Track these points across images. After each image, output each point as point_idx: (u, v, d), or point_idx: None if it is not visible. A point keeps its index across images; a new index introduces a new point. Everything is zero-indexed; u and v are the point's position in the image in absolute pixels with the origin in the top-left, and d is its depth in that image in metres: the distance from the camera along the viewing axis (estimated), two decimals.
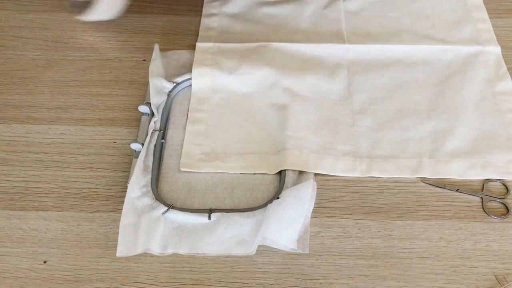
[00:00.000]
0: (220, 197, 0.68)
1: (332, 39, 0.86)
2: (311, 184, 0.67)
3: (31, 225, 0.66)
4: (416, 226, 0.65)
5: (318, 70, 0.81)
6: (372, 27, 0.88)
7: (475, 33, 0.86)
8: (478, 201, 0.68)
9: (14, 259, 0.63)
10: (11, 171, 0.71)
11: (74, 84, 0.81)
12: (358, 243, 0.64)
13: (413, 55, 0.83)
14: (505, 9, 0.91)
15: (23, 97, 0.80)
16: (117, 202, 0.67)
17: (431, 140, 0.73)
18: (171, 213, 0.65)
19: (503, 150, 0.72)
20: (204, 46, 0.85)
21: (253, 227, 0.64)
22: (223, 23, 0.89)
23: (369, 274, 0.62)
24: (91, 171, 0.71)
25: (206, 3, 0.93)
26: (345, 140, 0.73)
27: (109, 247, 0.64)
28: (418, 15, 0.89)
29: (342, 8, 0.91)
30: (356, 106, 0.77)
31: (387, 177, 0.70)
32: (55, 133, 0.75)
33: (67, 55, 0.85)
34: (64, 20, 0.91)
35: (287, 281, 0.61)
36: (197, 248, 0.63)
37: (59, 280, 0.62)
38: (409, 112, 0.76)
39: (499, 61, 0.82)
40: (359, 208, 0.67)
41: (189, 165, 0.71)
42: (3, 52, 0.86)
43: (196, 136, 0.74)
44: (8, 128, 0.76)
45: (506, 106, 0.77)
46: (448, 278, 0.61)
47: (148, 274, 0.62)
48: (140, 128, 0.74)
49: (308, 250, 0.63)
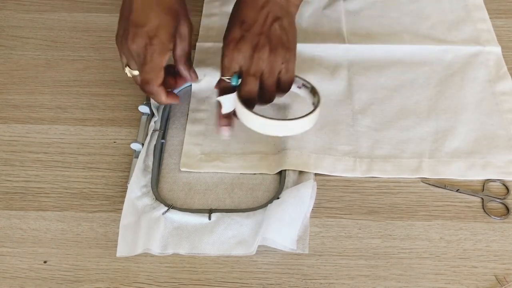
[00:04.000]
0: (220, 197, 0.68)
1: (332, 39, 0.86)
2: (311, 184, 0.67)
3: (31, 225, 0.66)
4: (416, 226, 0.65)
5: (318, 70, 0.81)
6: (372, 27, 0.88)
7: (476, 33, 0.86)
8: (479, 201, 0.68)
9: (14, 259, 0.63)
10: (11, 171, 0.71)
11: (74, 84, 0.81)
12: (358, 243, 0.64)
13: (413, 55, 0.83)
14: (505, 9, 0.91)
15: (23, 97, 0.80)
16: (117, 202, 0.67)
17: (432, 140, 0.73)
18: (171, 213, 0.65)
19: (503, 150, 0.72)
20: (204, 46, 0.85)
21: (253, 227, 0.64)
22: (223, 23, 0.88)
23: (369, 274, 0.62)
24: (91, 171, 0.71)
25: (206, 3, 0.93)
26: (345, 140, 0.73)
27: (109, 247, 0.64)
28: (418, 15, 0.89)
29: (342, 8, 0.91)
30: (356, 106, 0.77)
31: (387, 177, 0.70)
32: (55, 133, 0.75)
33: (67, 55, 0.85)
34: (64, 20, 0.91)
35: (287, 281, 0.61)
36: (197, 248, 0.63)
37: (59, 280, 0.61)
38: (409, 112, 0.76)
39: (499, 61, 0.82)
40: (359, 208, 0.67)
41: (189, 165, 0.71)
42: (3, 52, 0.86)
43: (196, 136, 0.74)
44: (8, 128, 0.76)
45: (506, 106, 0.77)
46: (448, 278, 0.61)
47: (148, 274, 0.62)
48: (140, 128, 0.74)
49: (307, 250, 0.63)
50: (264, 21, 0.66)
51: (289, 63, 0.67)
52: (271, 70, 0.66)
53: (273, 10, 0.67)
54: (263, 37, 0.66)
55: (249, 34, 0.66)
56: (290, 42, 0.68)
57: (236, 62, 0.66)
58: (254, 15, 0.66)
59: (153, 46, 0.65)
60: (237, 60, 0.66)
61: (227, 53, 0.66)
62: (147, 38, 0.65)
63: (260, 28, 0.66)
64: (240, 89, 0.66)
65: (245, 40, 0.65)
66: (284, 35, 0.67)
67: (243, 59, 0.66)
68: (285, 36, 0.67)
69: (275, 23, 0.67)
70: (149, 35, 0.65)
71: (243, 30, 0.66)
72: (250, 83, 0.66)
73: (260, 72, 0.66)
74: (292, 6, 0.69)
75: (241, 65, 0.66)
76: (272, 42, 0.66)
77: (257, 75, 0.66)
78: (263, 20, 0.66)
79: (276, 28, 0.67)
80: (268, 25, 0.66)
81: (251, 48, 0.65)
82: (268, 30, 0.66)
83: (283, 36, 0.67)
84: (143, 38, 0.65)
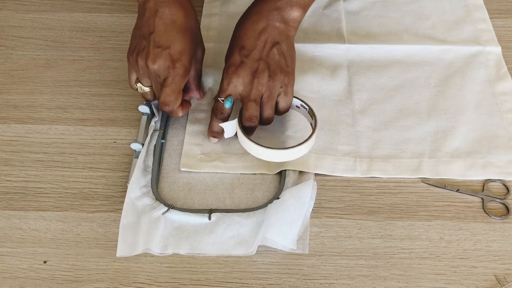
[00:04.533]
0: (220, 197, 0.68)
1: (332, 39, 0.86)
2: (311, 184, 0.67)
3: (31, 225, 0.66)
4: (416, 227, 0.65)
5: (318, 70, 0.81)
6: (372, 27, 0.88)
7: (476, 33, 0.86)
8: (479, 201, 0.68)
9: (14, 259, 0.63)
10: (11, 171, 0.71)
11: (74, 84, 0.81)
12: (358, 243, 0.64)
13: (413, 55, 0.83)
14: (505, 9, 0.91)
15: (23, 97, 0.80)
16: (117, 202, 0.67)
17: (432, 140, 0.73)
18: (171, 213, 0.65)
19: (503, 150, 0.72)
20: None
21: (253, 227, 0.64)
22: (223, 23, 0.89)
23: (369, 274, 0.62)
24: (91, 171, 0.71)
25: (206, 3, 0.93)
26: (345, 140, 0.73)
27: (109, 247, 0.64)
28: (419, 15, 0.89)
29: (342, 8, 0.91)
30: (356, 106, 0.77)
31: (387, 177, 0.70)
32: (55, 133, 0.75)
33: (67, 55, 0.85)
34: (64, 20, 0.91)
35: (287, 281, 0.61)
36: (197, 248, 0.63)
37: (59, 280, 0.61)
38: (409, 112, 0.76)
39: (500, 61, 0.82)
40: (359, 208, 0.67)
41: (189, 165, 0.71)
42: (3, 52, 0.86)
43: (196, 136, 0.74)
44: (8, 128, 0.76)
45: (507, 106, 0.77)
46: (449, 278, 0.61)
47: (148, 274, 0.62)
48: (140, 128, 0.74)
49: (307, 250, 0.63)
50: (263, 47, 0.69)
51: (288, 87, 0.70)
52: (270, 95, 0.69)
53: (271, 35, 0.70)
54: (262, 62, 0.69)
55: (248, 60, 0.68)
56: (289, 66, 0.70)
57: (235, 86, 0.68)
58: (253, 41, 0.69)
59: (176, 70, 0.67)
60: (236, 85, 0.68)
61: (227, 76, 0.69)
62: (170, 61, 0.67)
63: (259, 54, 0.69)
64: (242, 115, 0.69)
65: (245, 66, 0.68)
66: (283, 59, 0.70)
67: (242, 85, 0.68)
68: (283, 60, 0.70)
69: (274, 48, 0.69)
70: (173, 58, 0.67)
71: (243, 55, 0.69)
72: (251, 108, 0.68)
73: (260, 96, 0.69)
74: (291, 30, 0.72)
75: (241, 91, 0.69)
76: (271, 67, 0.69)
77: (257, 100, 0.69)
78: (262, 46, 0.69)
79: (275, 53, 0.69)
80: (267, 50, 0.69)
81: (250, 74, 0.68)
82: (267, 56, 0.69)
83: (281, 61, 0.70)
84: (166, 60, 0.67)
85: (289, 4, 0.70)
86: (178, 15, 0.68)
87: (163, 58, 0.67)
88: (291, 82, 0.70)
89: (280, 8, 0.70)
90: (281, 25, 0.70)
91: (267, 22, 0.70)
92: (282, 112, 0.72)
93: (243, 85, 0.68)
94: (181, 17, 0.69)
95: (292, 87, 0.71)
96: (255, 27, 0.70)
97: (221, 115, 0.70)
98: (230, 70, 0.69)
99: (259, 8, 0.71)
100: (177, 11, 0.68)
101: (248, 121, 0.69)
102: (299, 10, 0.71)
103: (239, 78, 0.68)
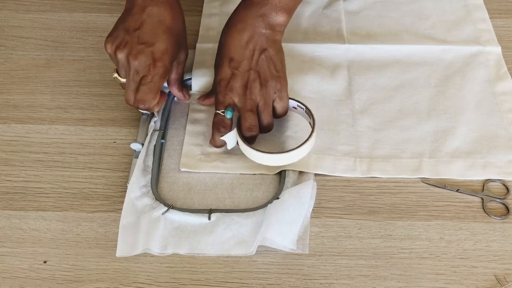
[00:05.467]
0: (220, 197, 0.68)
1: (332, 39, 0.86)
2: (311, 184, 0.67)
3: (31, 225, 0.66)
4: (416, 226, 0.65)
5: (318, 70, 0.81)
6: (372, 27, 0.88)
7: (476, 33, 0.86)
8: (479, 201, 0.68)
9: (14, 259, 0.63)
10: (11, 171, 0.71)
11: (74, 84, 0.81)
12: (358, 243, 0.64)
13: (413, 55, 0.83)
14: (505, 9, 0.91)
15: (23, 97, 0.80)
16: (117, 202, 0.67)
17: (432, 140, 0.73)
18: (171, 213, 0.65)
19: (503, 150, 0.72)
20: (204, 47, 0.85)
21: (253, 227, 0.64)
22: (223, 23, 0.88)
23: (369, 274, 0.62)
24: (91, 171, 0.71)
25: (206, 3, 0.93)
26: (345, 140, 0.73)
27: (109, 247, 0.64)
28: (418, 15, 0.89)
29: (342, 8, 0.91)
30: (356, 106, 0.77)
31: (387, 177, 0.70)
32: (55, 133, 0.75)
33: (67, 55, 0.85)
34: (64, 20, 0.91)
35: (287, 281, 0.61)
36: (197, 248, 0.63)
37: (59, 280, 0.61)
38: (409, 112, 0.76)
39: (500, 61, 0.82)
40: (359, 208, 0.67)
41: (189, 165, 0.71)
42: (3, 52, 0.86)
43: (196, 136, 0.74)
44: (8, 128, 0.76)
45: (507, 106, 0.77)
46: (449, 278, 0.61)
47: (148, 274, 0.62)
48: (140, 128, 0.74)
49: (307, 250, 0.63)
50: (252, 56, 0.70)
51: (281, 91, 0.70)
52: (265, 103, 0.69)
53: (258, 42, 0.70)
54: (252, 72, 0.69)
55: (239, 72, 0.69)
56: (279, 70, 0.71)
57: (230, 97, 0.69)
58: (241, 51, 0.70)
59: (157, 69, 0.67)
60: (231, 96, 0.69)
61: (220, 91, 0.69)
62: (151, 59, 0.67)
63: (248, 64, 0.69)
64: (241, 126, 0.69)
65: (236, 78, 0.69)
66: (272, 65, 0.70)
67: (236, 97, 0.69)
68: (272, 66, 0.70)
69: (262, 55, 0.70)
70: (154, 56, 0.67)
71: (233, 68, 0.70)
72: (249, 118, 0.69)
73: (255, 105, 0.69)
74: (277, 34, 0.72)
75: (236, 102, 0.69)
76: (262, 75, 0.69)
77: (253, 109, 0.69)
78: (251, 55, 0.70)
79: (264, 61, 0.70)
80: (256, 59, 0.70)
81: (242, 85, 0.69)
82: (256, 65, 0.70)
83: (271, 67, 0.70)
84: (148, 58, 0.67)
85: (274, 10, 0.70)
86: (165, 16, 0.69)
87: (145, 55, 0.67)
88: (283, 86, 0.71)
89: (264, 15, 0.70)
90: (267, 31, 0.70)
91: (253, 30, 0.70)
92: (280, 116, 0.72)
93: (237, 97, 0.69)
94: (168, 18, 0.69)
95: (285, 91, 0.71)
96: (241, 37, 0.70)
97: (223, 128, 0.70)
98: (222, 84, 0.69)
99: (244, 15, 0.71)
100: (165, 11, 0.69)
101: (249, 131, 0.69)
102: (284, 15, 0.71)
103: (232, 91, 0.69)
